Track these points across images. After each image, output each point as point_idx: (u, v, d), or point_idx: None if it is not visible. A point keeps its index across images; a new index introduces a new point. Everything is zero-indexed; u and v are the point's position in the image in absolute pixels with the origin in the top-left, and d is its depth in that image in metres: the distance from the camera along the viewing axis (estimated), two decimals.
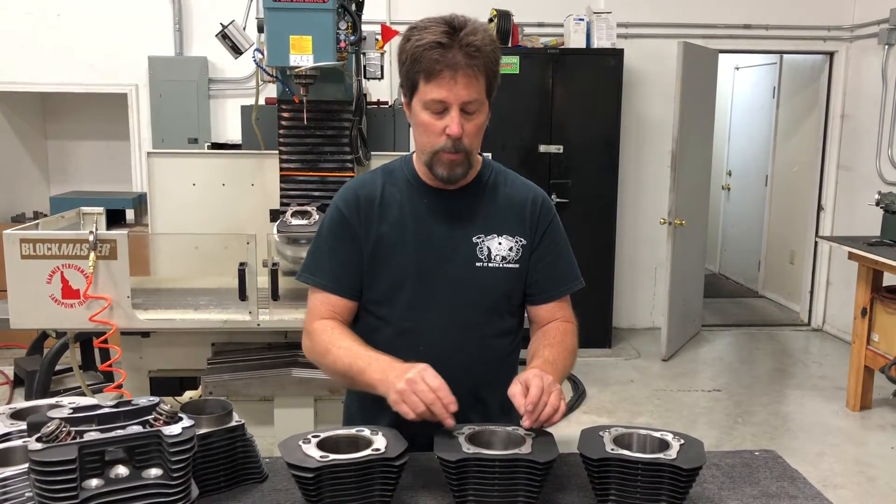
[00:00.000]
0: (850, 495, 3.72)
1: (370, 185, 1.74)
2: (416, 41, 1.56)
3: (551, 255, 1.76)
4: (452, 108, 1.57)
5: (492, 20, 5.45)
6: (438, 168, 1.64)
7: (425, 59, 1.54)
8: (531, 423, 1.43)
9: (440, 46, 1.53)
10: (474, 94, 1.57)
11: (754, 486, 1.52)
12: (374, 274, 1.71)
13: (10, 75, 5.70)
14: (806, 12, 6.17)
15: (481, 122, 1.62)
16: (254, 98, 3.39)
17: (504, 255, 1.71)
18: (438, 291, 1.70)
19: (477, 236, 1.71)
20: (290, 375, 2.77)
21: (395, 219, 1.70)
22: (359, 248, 1.71)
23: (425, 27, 1.57)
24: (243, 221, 3.21)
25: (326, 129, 3.11)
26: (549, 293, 1.77)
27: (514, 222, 1.73)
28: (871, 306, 4.53)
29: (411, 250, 1.69)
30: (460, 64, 1.53)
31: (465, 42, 1.54)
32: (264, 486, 1.49)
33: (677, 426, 4.41)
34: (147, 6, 5.73)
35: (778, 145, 7.29)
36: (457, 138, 1.58)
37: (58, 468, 1.15)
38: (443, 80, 1.54)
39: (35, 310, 2.73)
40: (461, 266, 1.70)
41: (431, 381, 1.44)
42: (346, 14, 2.74)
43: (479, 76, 1.57)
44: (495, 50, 1.60)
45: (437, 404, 1.42)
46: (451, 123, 1.57)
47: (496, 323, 1.75)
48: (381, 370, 1.53)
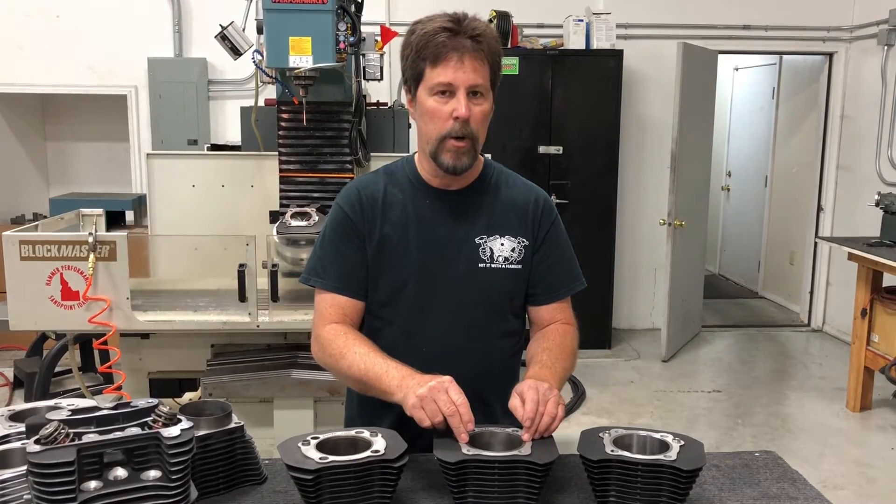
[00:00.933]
0: (850, 496, 3.72)
1: (372, 185, 1.74)
2: (422, 30, 1.60)
3: (553, 256, 1.76)
4: (459, 90, 1.58)
5: (491, 21, 5.45)
6: (444, 156, 1.63)
7: (433, 43, 1.57)
8: (531, 436, 1.42)
9: (447, 31, 1.57)
10: (480, 79, 1.59)
11: (754, 487, 1.52)
12: (376, 275, 1.71)
13: (9, 77, 5.70)
14: (805, 13, 6.17)
15: (487, 110, 1.64)
16: (253, 99, 3.39)
17: (506, 255, 1.71)
18: (441, 292, 1.69)
19: (479, 237, 1.70)
20: (290, 377, 2.77)
21: (398, 219, 1.70)
22: (363, 248, 1.70)
23: (430, 19, 1.61)
24: (243, 223, 3.21)
25: (326, 131, 3.11)
26: (550, 294, 1.77)
27: (517, 223, 1.73)
28: (870, 307, 4.53)
29: (413, 251, 1.69)
30: (467, 47, 1.57)
31: (470, 27, 1.58)
32: (263, 487, 1.48)
33: (677, 427, 4.40)
34: (146, 7, 5.73)
35: (777, 146, 7.29)
36: (465, 120, 1.59)
37: (56, 470, 1.15)
38: (450, 62, 1.57)
39: (34, 311, 2.73)
40: (464, 267, 1.69)
41: (455, 395, 1.42)
42: (346, 15, 2.73)
43: (485, 63, 1.60)
44: (498, 42, 1.64)
45: (456, 417, 1.40)
46: (458, 106, 1.58)
47: (499, 324, 1.75)
48: (400, 376, 1.52)
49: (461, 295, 1.70)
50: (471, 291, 1.70)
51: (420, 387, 1.44)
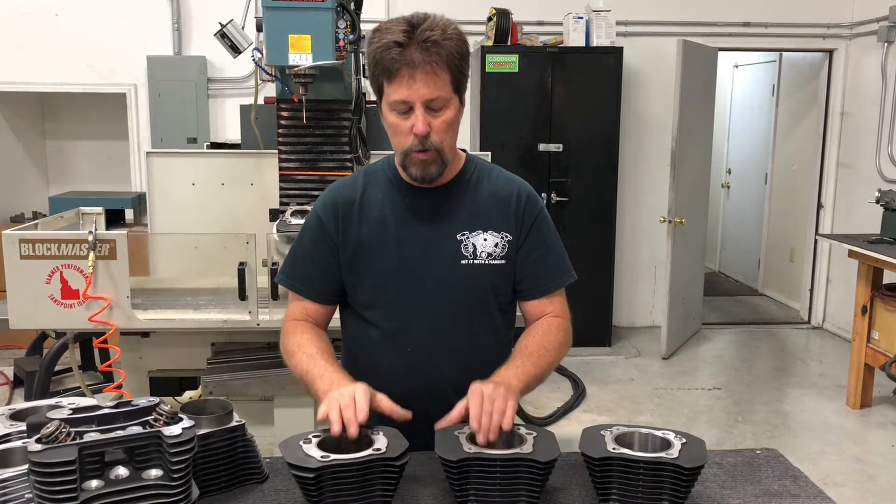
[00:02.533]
0: (850, 493, 3.72)
1: (350, 187, 1.73)
2: (376, 43, 1.54)
3: (539, 251, 1.74)
4: (416, 106, 1.54)
5: (491, 19, 5.45)
6: (412, 168, 1.62)
7: (385, 59, 1.52)
8: (484, 438, 1.41)
9: (398, 46, 1.51)
10: (436, 91, 1.54)
11: (756, 484, 1.52)
12: (358, 276, 1.71)
13: (8, 75, 5.70)
14: (805, 10, 6.16)
15: (450, 118, 1.59)
16: (253, 97, 3.38)
17: (489, 251, 1.70)
18: (424, 291, 1.68)
19: (461, 233, 1.69)
20: (290, 375, 2.75)
21: (376, 220, 1.69)
22: (335, 255, 1.71)
23: (387, 28, 1.55)
24: (243, 221, 3.20)
25: (326, 129, 3.11)
26: (538, 289, 1.75)
27: (499, 218, 1.71)
28: (871, 304, 4.53)
29: (393, 251, 1.68)
30: (417, 61, 1.51)
31: (422, 38, 1.51)
32: (265, 486, 1.49)
33: (678, 425, 4.41)
34: (145, 6, 5.73)
35: (777, 143, 7.29)
36: (423, 136, 1.56)
37: (58, 469, 1.15)
38: (402, 79, 1.52)
39: (34, 310, 2.73)
40: (445, 264, 1.68)
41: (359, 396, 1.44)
42: (345, 13, 2.73)
43: (441, 71, 1.53)
44: (459, 43, 1.56)
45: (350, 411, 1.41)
46: (416, 122, 1.55)
47: (484, 320, 1.74)
48: (329, 382, 1.54)
49: (444, 293, 1.69)
50: (454, 289, 1.69)
51: (335, 393, 1.46)
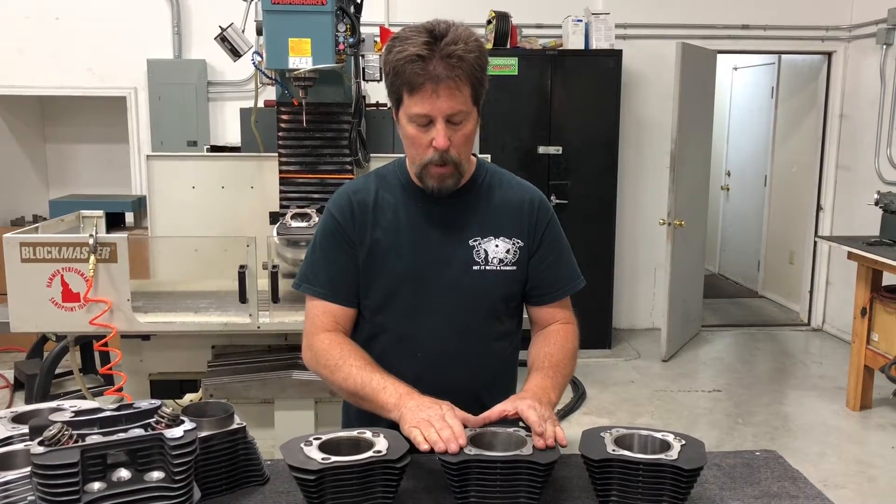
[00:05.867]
0: (850, 495, 3.73)
1: (364, 189, 1.73)
2: (398, 53, 1.53)
3: (551, 257, 1.75)
4: (437, 120, 1.54)
5: (490, 21, 5.46)
6: (429, 181, 1.62)
7: (407, 72, 1.51)
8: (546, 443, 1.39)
9: (420, 59, 1.50)
10: (458, 106, 1.54)
11: (755, 486, 1.52)
12: (369, 280, 1.70)
13: (8, 79, 5.70)
14: (804, 12, 6.17)
15: (469, 132, 1.60)
16: (253, 100, 3.39)
17: (501, 257, 1.70)
18: (435, 296, 1.68)
19: (473, 239, 1.69)
20: (291, 378, 2.77)
21: (390, 224, 1.69)
22: (354, 255, 1.70)
23: (407, 38, 1.53)
24: (243, 224, 3.21)
25: (326, 132, 3.11)
26: (550, 294, 1.77)
27: (511, 224, 1.72)
28: (870, 306, 4.53)
29: (406, 255, 1.68)
30: (442, 76, 1.50)
31: (445, 52, 1.50)
32: (266, 488, 1.49)
33: (678, 427, 4.41)
34: (146, 9, 5.73)
35: (777, 145, 7.29)
36: (444, 151, 1.56)
37: (60, 471, 1.15)
38: (425, 93, 1.52)
39: (35, 313, 2.73)
40: (458, 270, 1.68)
41: (451, 421, 1.41)
42: (345, 16, 2.74)
43: (463, 86, 1.53)
44: (480, 56, 1.56)
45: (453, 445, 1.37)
46: (436, 136, 1.55)
47: (495, 326, 1.74)
48: (398, 395, 1.51)
49: (456, 298, 1.69)
50: (465, 294, 1.69)
51: (420, 409, 1.44)
